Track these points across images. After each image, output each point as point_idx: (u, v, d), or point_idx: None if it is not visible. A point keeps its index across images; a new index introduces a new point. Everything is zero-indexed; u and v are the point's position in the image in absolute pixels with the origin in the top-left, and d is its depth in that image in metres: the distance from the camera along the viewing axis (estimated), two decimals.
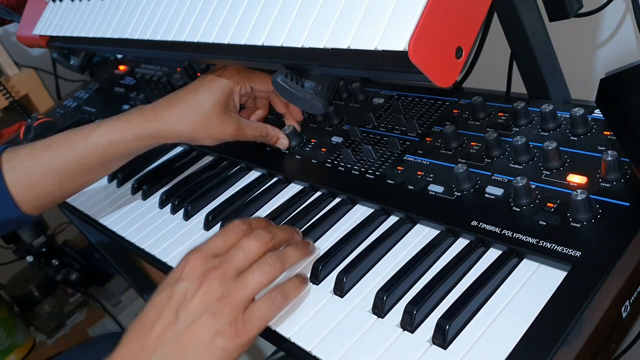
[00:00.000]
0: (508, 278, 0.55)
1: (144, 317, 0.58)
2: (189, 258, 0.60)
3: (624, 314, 0.50)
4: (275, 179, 0.83)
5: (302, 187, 0.79)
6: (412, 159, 0.72)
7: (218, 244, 0.61)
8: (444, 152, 0.71)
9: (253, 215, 0.78)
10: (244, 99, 0.86)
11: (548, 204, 0.58)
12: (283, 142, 0.85)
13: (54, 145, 0.82)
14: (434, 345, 0.52)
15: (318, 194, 0.77)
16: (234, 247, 0.61)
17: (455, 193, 0.65)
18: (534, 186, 0.61)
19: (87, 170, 0.83)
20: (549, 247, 0.55)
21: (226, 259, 0.59)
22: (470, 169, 0.65)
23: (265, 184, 0.83)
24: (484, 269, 0.56)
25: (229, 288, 0.57)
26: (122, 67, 1.39)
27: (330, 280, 0.63)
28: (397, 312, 0.57)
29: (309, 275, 0.65)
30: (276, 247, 0.63)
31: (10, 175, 0.81)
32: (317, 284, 0.64)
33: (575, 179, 0.60)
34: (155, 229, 0.85)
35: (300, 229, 0.71)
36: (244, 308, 0.57)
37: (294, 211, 0.75)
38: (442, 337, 0.52)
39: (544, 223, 0.57)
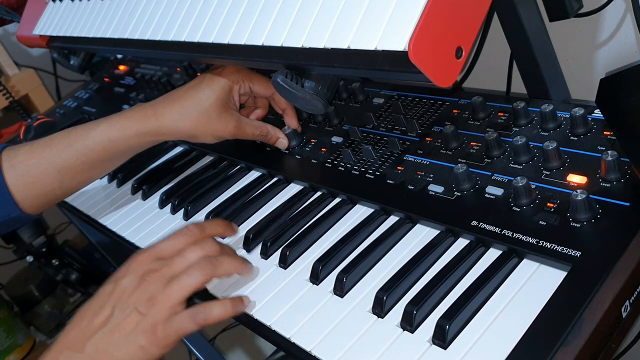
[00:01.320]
0: (508, 278, 0.55)
1: (89, 307, 0.62)
2: (137, 257, 0.64)
3: (624, 314, 0.50)
4: (275, 179, 0.83)
5: (302, 187, 0.79)
6: (412, 159, 0.72)
7: (166, 247, 0.65)
8: (444, 152, 0.71)
9: (253, 215, 0.79)
10: (243, 98, 0.86)
11: (548, 204, 0.58)
12: (282, 142, 0.85)
13: (54, 144, 0.82)
14: (434, 345, 0.52)
15: (318, 194, 0.77)
16: (177, 253, 0.64)
17: (455, 193, 0.65)
18: (534, 186, 0.61)
19: (87, 168, 0.83)
20: (549, 247, 0.55)
21: (167, 263, 0.63)
22: (470, 169, 0.65)
23: (265, 184, 0.83)
24: (484, 269, 0.56)
25: (160, 291, 0.60)
26: (122, 67, 1.39)
27: (330, 280, 0.63)
28: (397, 312, 0.57)
29: (308, 276, 0.65)
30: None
31: (10, 174, 0.81)
32: (317, 284, 0.64)
33: (575, 179, 0.60)
34: (155, 229, 0.85)
35: (300, 229, 0.71)
36: (170, 312, 0.60)
37: (294, 211, 0.75)
38: (442, 337, 0.52)
39: (544, 223, 0.57)
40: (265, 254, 0.70)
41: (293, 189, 0.80)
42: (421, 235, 0.64)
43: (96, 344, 0.59)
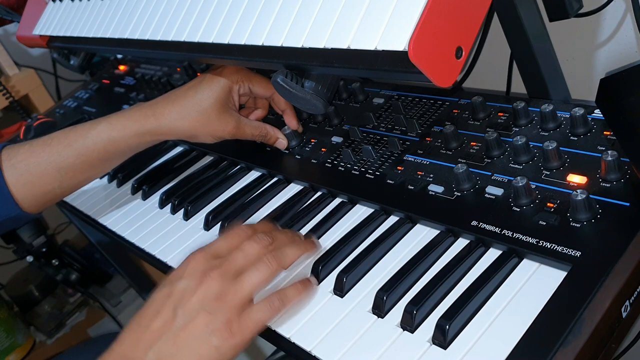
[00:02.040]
0: (508, 278, 0.55)
1: (144, 312, 0.58)
2: (192, 257, 0.61)
3: (624, 314, 0.50)
4: (275, 179, 0.83)
5: (302, 187, 0.79)
6: (412, 159, 0.72)
7: (221, 245, 0.62)
8: (444, 152, 0.71)
9: (253, 215, 0.79)
10: (243, 98, 0.86)
11: (548, 204, 0.58)
12: (282, 142, 0.85)
13: (54, 143, 0.82)
14: (434, 345, 0.52)
15: (318, 194, 0.77)
16: (235, 249, 0.61)
17: (455, 193, 0.65)
18: (534, 186, 0.61)
19: (87, 167, 0.83)
20: (549, 247, 0.55)
21: (227, 260, 0.60)
22: (470, 169, 0.65)
23: (265, 184, 0.83)
24: (484, 269, 0.56)
25: (227, 288, 0.58)
26: (122, 67, 1.39)
27: (330, 280, 0.63)
28: (397, 312, 0.57)
29: (308, 277, 0.65)
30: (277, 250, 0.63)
31: (10, 173, 0.81)
32: (317, 284, 0.64)
33: (575, 179, 0.60)
34: (155, 229, 0.85)
35: (300, 229, 0.72)
36: (241, 309, 0.57)
37: (294, 211, 0.75)
38: (442, 337, 0.52)
39: (544, 223, 0.57)
40: None
41: (293, 189, 0.80)
42: (421, 235, 0.64)
43: (159, 350, 0.55)
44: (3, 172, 0.81)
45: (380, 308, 0.57)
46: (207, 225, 0.79)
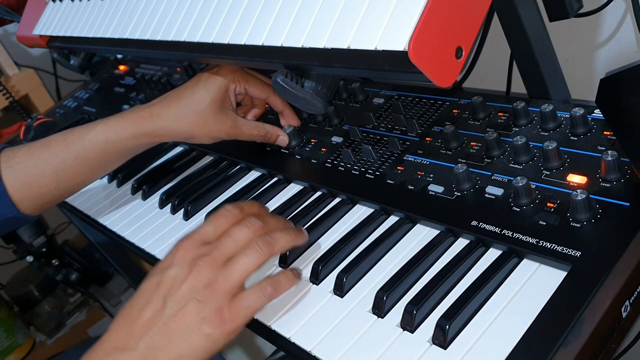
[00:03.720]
0: (508, 278, 0.55)
1: (133, 302, 0.58)
2: (180, 245, 0.60)
3: (624, 314, 0.50)
4: (275, 179, 0.83)
5: (302, 187, 0.79)
6: (412, 159, 0.72)
7: (209, 231, 0.61)
8: (444, 152, 0.71)
9: None
10: (240, 97, 0.86)
11: (548, 204, 0.58)
12: (283, 139, 0.85)
13: (52, 145, 0.82)
14: (434, 345, 0.52)
15: (318, 194, 0.77)
16: (224, 234, 0.60)
17: (455, 193, 0.65)
18: (534, 186, 0.61)
19: (85, 169, 0.83)
20: (549, 247, 0.55)
21: (216, 247, 0.59)
22: (470, 169, 0.65)
23: (265, 184, 0.83)
24: (484, 269, 0.56)
25: (217, 275, 0.57)
26: (122, 67, 1.39)
27: (330, 280, 0.63)
28: (397, 312, 0.57)
29: (308, 276, 0.65)
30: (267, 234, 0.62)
31: (8, 175, 0.81)
32: (317, 284, 0.64)
33: (575, 179, 0.60)
34: (155, 228, 0.85)
35: None
36: (232, 295, 0.57)
37: (294, 211, 0.75)
38: (442, 337, 0.52)
39: (544, 223, 0.57)
40: None
41: (293, 189, 0.80)
42: (421, 235, 0.64)
43: (151, 340, 0.55)
44: (1, 173, 0.81)
45: (380, 308, 0.57)
46: None
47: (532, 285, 0.54)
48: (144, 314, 0.56)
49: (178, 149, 1.02)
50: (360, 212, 0.71)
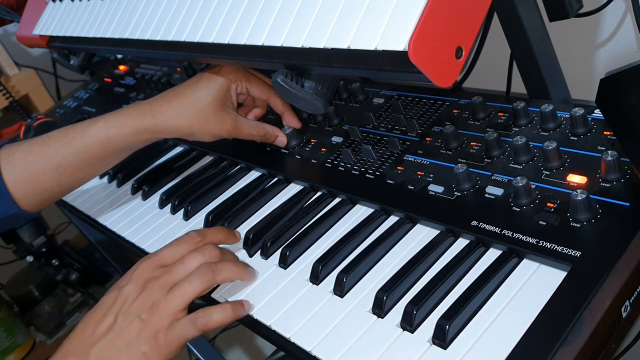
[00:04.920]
0: (508, 278, 0.55)
1: (94, 313, 0.63)
2: (139, 265, 0.65)
3: (624, 314, 0.50)
4: (275, 179, 0.83)
5: (302, 187, 0.79)
6: (412, 159, 0.72)
7: (167, 255, 0.66)
8: (444, 152, 0.71)
9: (253, 215, 0.79)
10: (241, 97, 0.86)
11: (548, 204, 0.58)
12: (281, 140, 0.85)
13: (52, 141, 0.82)
14: (434, 345, 0.52)
15: (318, 194, 0.77)
16: (178, 260, 0.65)
17: (455, 193, 0.65)
18: (534, 186, 0.61)
19: (85, 165, 0.83)
20: (549, 247, 0.55)
21: (168, 270, 0.64)
22: (470, 169, 0.65)
23: (266, 184, 0.83)
24: (484, 269, 0.56)
25: (160, 299, 0.61)
26: (122, 67, 1.39)
27: (330, 280, 0.63)
28: (397, 312, 0.57)
29: (308, 276, 0.65)
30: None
31: (8, 171, 0.81)
32: (317, 284, 0.64)
33: (575, 179, 0.60)
34: (155, 229, 0.85)
35: (300, 229, 0.71)
36: (172, 319, 0.61)
37: (294, 211, 0.75)
38: (442, 337, 0.52)
39: (544, 223, 0.57)
40: (265, 254, 0.70)
41: (293, 189, 0.80)
42: (421, 235, 0.64)
43: (99, 351, 0.60)
44: (1, 170, 0.81)
45: (380, 308, 0.57)
46: (207, 225, 0.79)
47: (532, 285, 0.54)
48: (99, 327, 0.61)
49: (178, 149, 1.02)
50: (360, 212, 0.71)
